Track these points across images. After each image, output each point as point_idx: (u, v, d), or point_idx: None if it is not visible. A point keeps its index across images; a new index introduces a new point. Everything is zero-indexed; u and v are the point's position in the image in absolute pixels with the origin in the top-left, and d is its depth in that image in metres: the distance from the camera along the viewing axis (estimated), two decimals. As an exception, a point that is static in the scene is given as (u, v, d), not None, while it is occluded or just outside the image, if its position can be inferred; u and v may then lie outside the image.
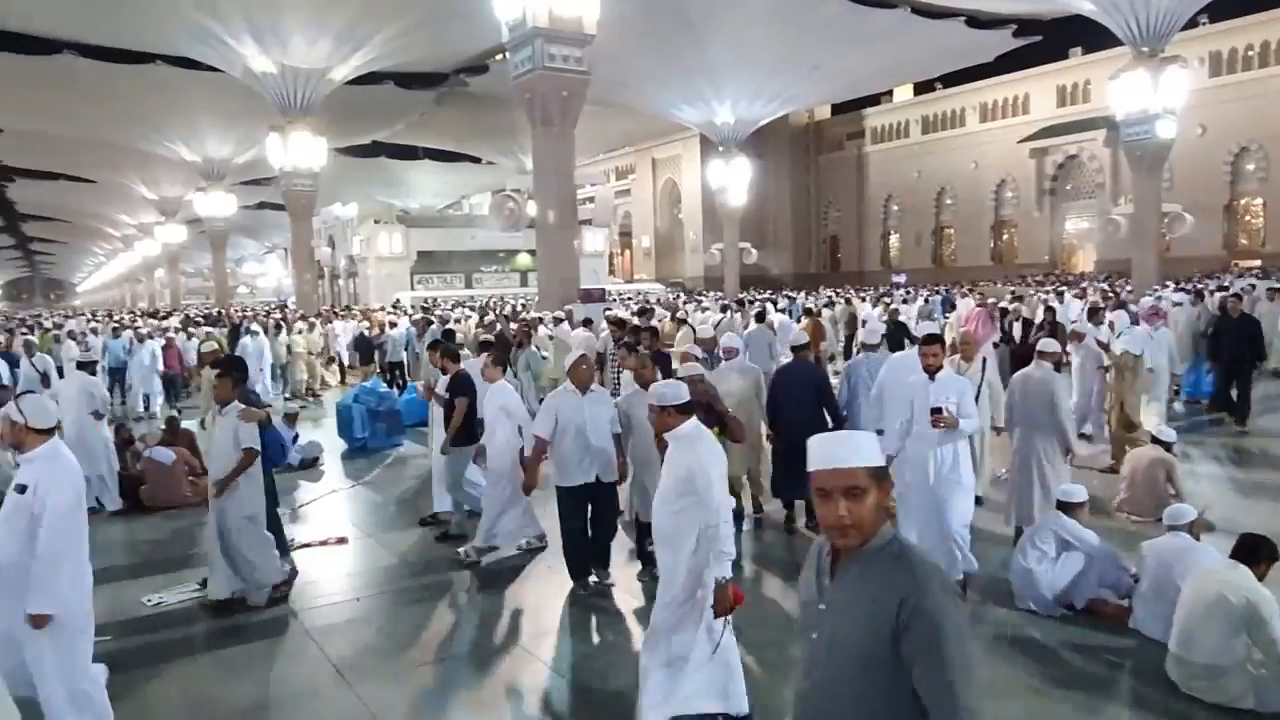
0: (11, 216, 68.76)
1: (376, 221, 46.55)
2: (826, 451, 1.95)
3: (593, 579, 6.06)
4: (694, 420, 4.23)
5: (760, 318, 13.29)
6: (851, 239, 61.54)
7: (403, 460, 10.89)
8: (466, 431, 7.14)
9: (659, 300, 28.12)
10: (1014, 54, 35.67)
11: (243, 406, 5.87)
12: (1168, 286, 21.77)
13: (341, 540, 7.60)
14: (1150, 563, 5.07)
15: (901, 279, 43.15)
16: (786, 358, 8.50)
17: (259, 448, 5.78)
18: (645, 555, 6.13)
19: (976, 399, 7.08)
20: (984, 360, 7.89)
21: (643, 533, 6.18)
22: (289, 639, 5.49)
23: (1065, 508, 5.51)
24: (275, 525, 6.33)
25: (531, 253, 34.02)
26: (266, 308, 37.07)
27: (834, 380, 8.10)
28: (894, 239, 59.49)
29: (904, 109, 57.07)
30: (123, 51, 29.15)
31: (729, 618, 3.87)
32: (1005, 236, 52.96)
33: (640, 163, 65.55)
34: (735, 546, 3.96)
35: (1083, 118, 44.93)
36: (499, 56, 29.73)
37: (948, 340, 8.31)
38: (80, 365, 9.51)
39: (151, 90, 31.46)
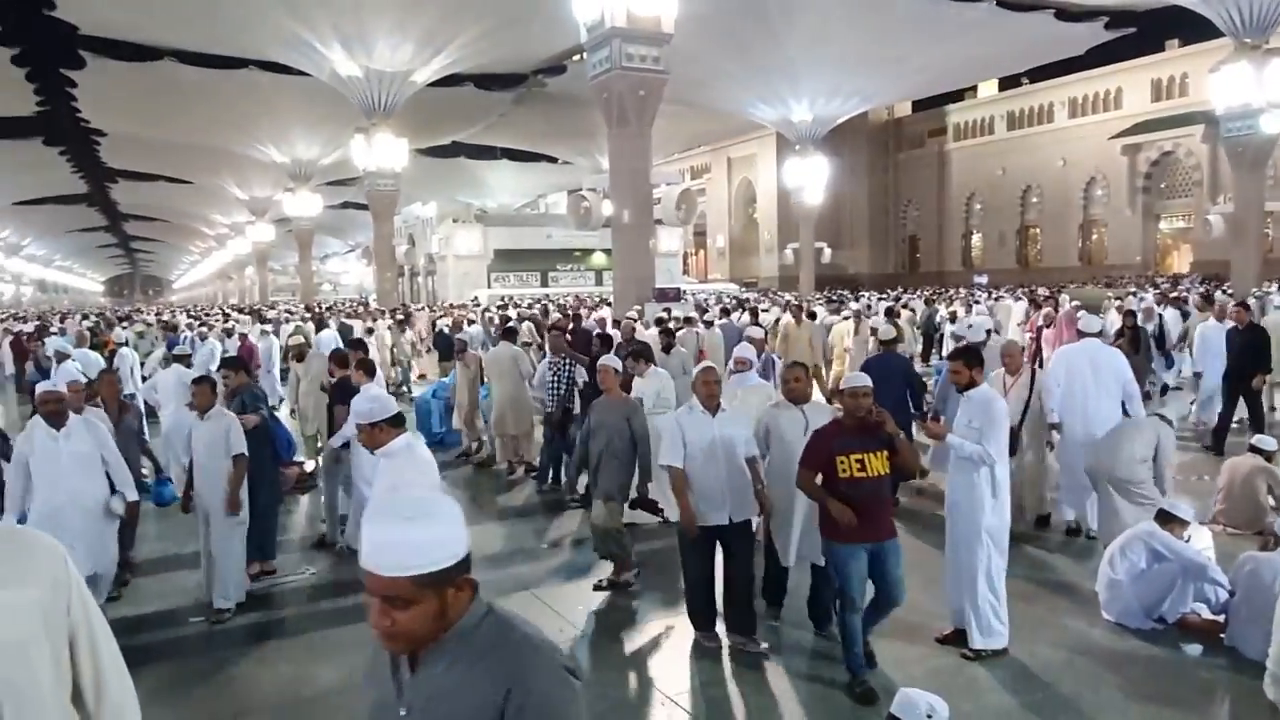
0: (114, 216, 72.25)
1: (455, 220, 47.47)
2: (372, 548, 1.56)
3: (741, 644, 5.01)
4: (406, 436, 4.31)
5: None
6: (931, 239, 60.20)
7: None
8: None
9: (717, 301, 28.00)
10: (1105, 47, 34.27)
11: (229, 414, 5.92)
12: (1272, 286, 20.69)
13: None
14: (1247, 576, 4.84)
15: (983, 279, 42.04)
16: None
17: (246, 453, 5.77)
18: (775, 597, 5.46)
19: (1023, 420, 6.77)
20: (1033, 373, 7.22)
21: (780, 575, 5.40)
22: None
23: (1164, 520, 5.27)
24: (271, 522, 6.61)
25: (607, 251, 34.27)
26: (356, 302, 38.20)
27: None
28: (976, 238, 57.98)
29: (989, 105, 55.52)
30: (219, 57, 30.44)
31: None
32: (1094, 236, 51.09)
33: (716, 162, 65.35)
34: None
35: (1179, 113, 42.93)
36: (577, 57, 30.06)
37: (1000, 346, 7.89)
38: (176, 359, 9.95)
39: (245, 94, 32.75)
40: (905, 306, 20.63)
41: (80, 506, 4.98)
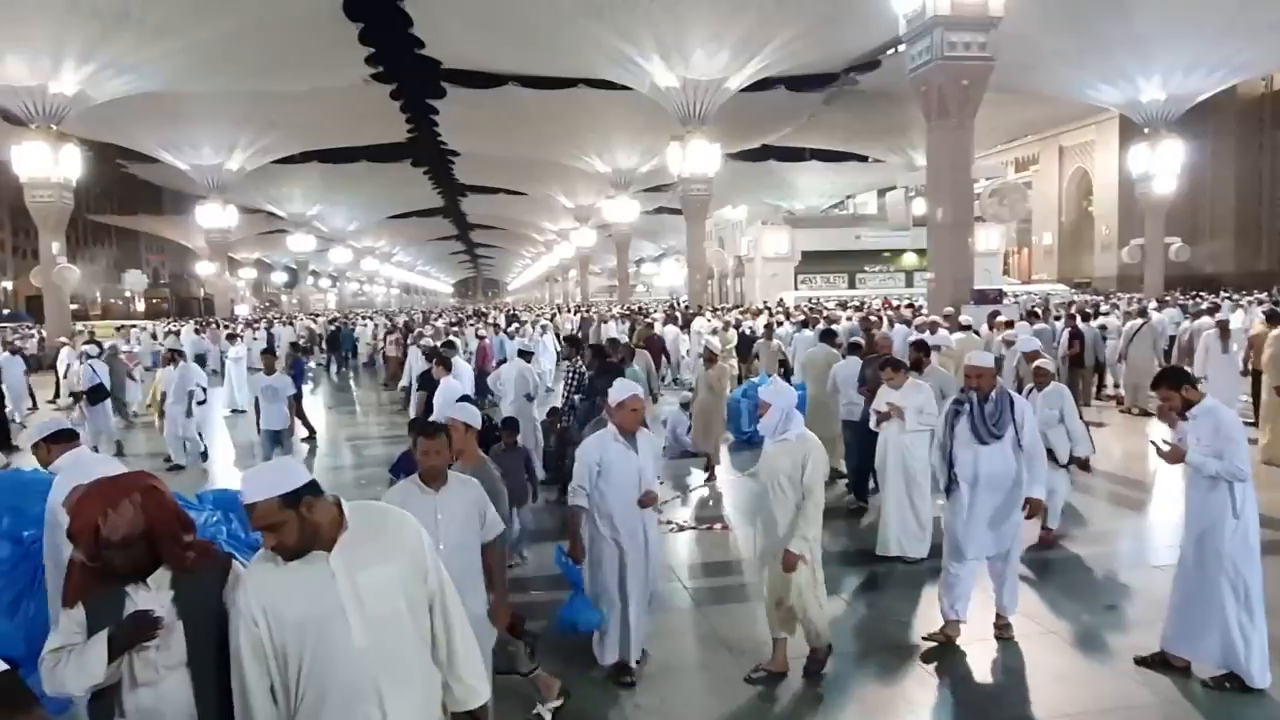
0: (463, 226, 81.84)
1: (764, 223, 47.94)
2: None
3: None
4: None
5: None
6: (1318, 230, 50.79)
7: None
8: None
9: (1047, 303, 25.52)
10: None
11: None
12: None
13: (725, 527, 8.00)
14: None
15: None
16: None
17: None
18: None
19: None
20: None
21: None
22: (675, 613, 5.87)
23: None
24: None
25: (919, 251, 32.74)
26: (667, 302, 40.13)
27: None
28: (1381, 229, 48.05)
29: (1404, 67, 45.70)
30: (553, 79, 33.45)
31: None
32: None
33: (1045, 152, 59.99)
34: None
35: None
36: (892, 51, 29.12)
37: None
38: (520, 353, 11.00)
39: (574, 111, 35.65)
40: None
41: None
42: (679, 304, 35.81)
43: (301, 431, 12.31)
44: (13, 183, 29.76)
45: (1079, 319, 15.15)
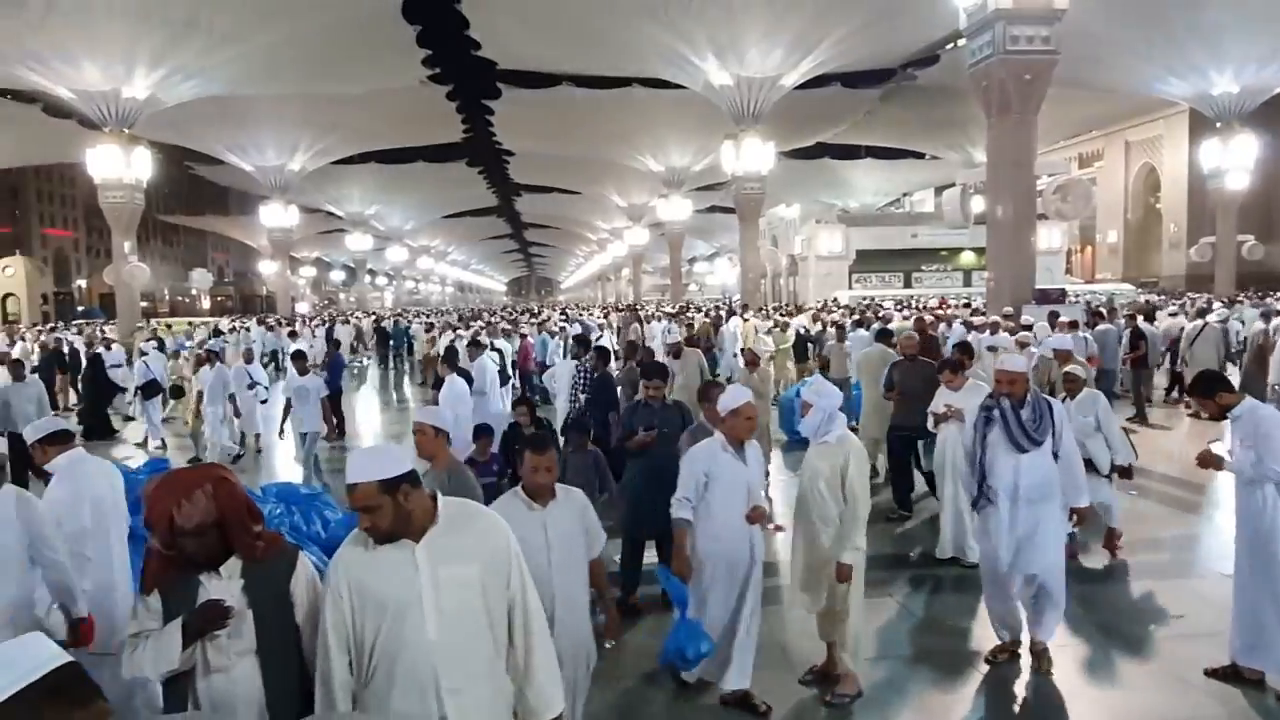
0: (518, 225, 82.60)
1: (818, 221, 47.50)
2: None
3: None
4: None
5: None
6: (1404, 227, 48.51)
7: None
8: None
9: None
10: None
11: None
12: None
13: (778, 527, 7.94)
14: None
15: None
16: None
17: None
18: None
19: None
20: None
21: None
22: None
23: None
24: None
25: (977, 250, 32.18)
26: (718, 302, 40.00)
27: None
28: None
29: None
30: (607, 78, 33.56)
31: None
32: None
33: (1110, 147, 58.32)
34: None
35: None
36: (951, 46, 28.61)
37: None
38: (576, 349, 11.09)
39: (627, 110, 35.71)
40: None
41: None
42: (731, 303, 35.67)
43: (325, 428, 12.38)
44: (88, 185, 30.82)
45: (1140, 319, 14.74)
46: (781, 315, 21.45)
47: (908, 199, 57.58)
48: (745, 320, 20.35)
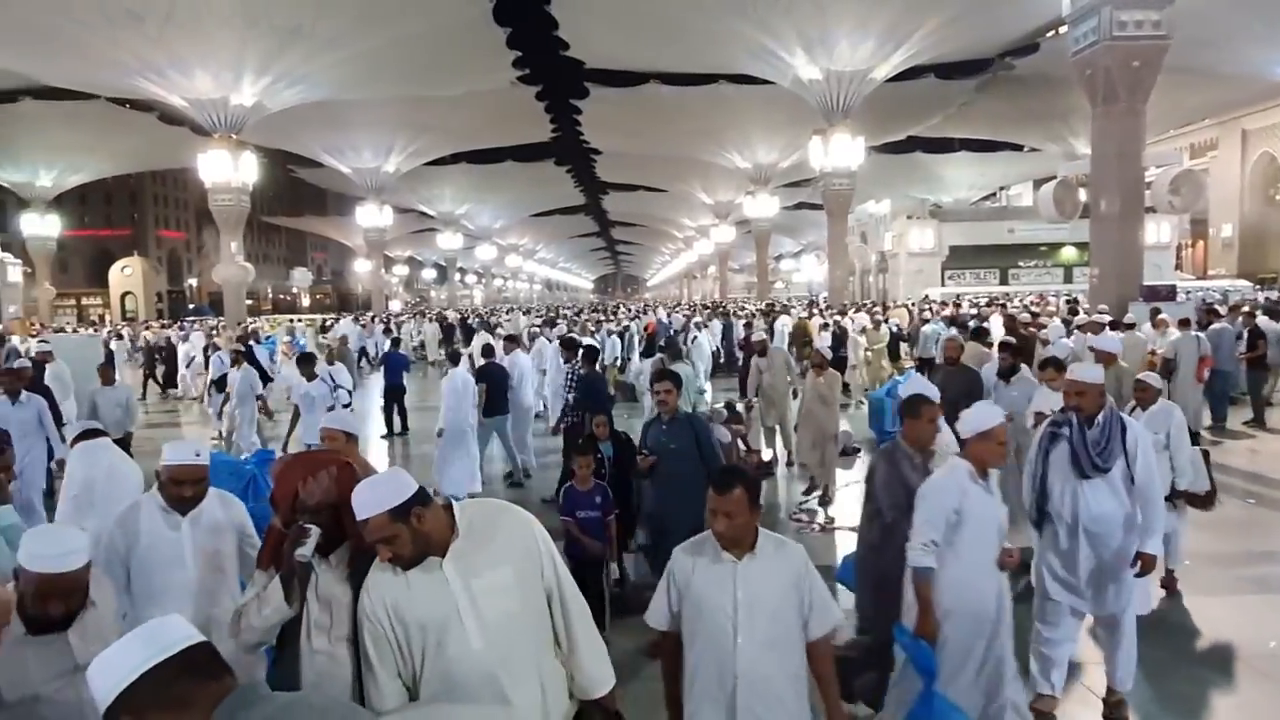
0: (604, 224, 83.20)
1: (909, 217, 46.43)
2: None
3: None
4: None
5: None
6: None
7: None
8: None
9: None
10: None
11: None
12: None
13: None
14: None
15: None
16: None
17: None
18: None
19: None
20: None
21: None
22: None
23: None
24: None
25: (1079, 246, 30.88)
26: (800, 300, 39.51)
27: None
28: None
29: None
30: (693, 76, 33.50)
31: None
32: None
33: (1225, 136, 55.21)
34: None
35: None
36: (1052, 33, 27.54)
37: None
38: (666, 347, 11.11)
39: (714, 107, 35.56)
40: None
41: None
42: (819, 301, 35.19)
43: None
44: (198, 188, 32.40)
45: (1260, 316, 13.93)
46: (877, 314, 20.98)
47: (1004, 193, 55.68)
48: (842, 319, 20.13)
